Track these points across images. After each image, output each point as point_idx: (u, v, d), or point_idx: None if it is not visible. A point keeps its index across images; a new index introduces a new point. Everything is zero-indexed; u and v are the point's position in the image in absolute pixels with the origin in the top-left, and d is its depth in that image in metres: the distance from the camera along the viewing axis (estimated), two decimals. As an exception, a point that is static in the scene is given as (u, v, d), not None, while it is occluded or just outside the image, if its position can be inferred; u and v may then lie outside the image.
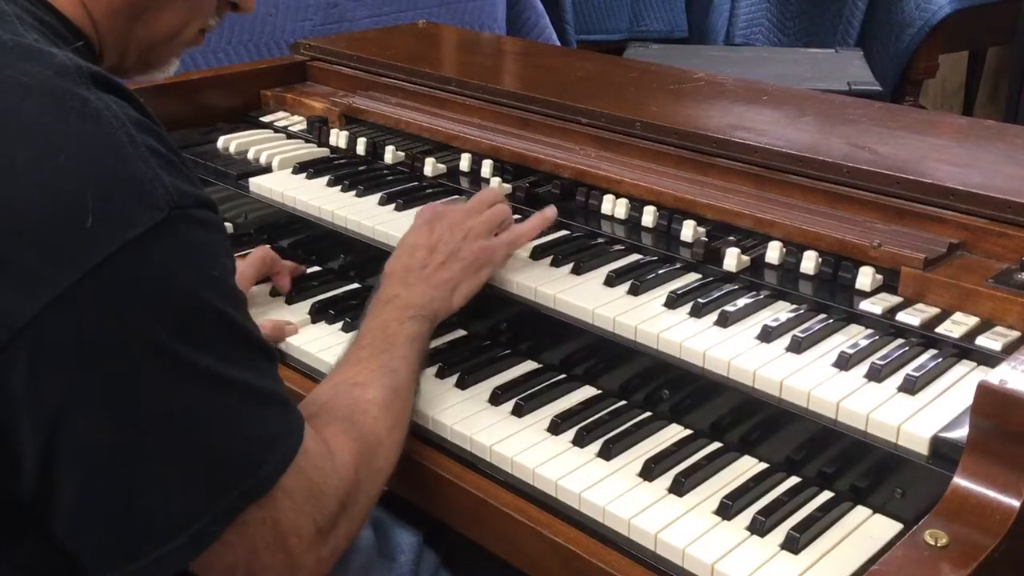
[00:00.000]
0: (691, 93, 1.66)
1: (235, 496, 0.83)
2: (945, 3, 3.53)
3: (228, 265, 0.88)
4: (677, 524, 0.96)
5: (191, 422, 0.81)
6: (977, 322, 1.09)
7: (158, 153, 0.81)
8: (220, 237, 0.87)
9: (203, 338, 0.81)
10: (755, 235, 1.29)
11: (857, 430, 0.98)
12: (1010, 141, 1.40)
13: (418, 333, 1.13)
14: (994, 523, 0.83)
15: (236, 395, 0.84)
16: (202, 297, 0.82)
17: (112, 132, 0.79)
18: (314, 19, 2.61)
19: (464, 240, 1.22)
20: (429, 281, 1.18)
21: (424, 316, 1.15)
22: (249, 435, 0.84)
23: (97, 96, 0.80)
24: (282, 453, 0.86)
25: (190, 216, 0.81)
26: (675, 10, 3.81)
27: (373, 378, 1.05)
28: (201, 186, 0.86)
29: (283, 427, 0.88)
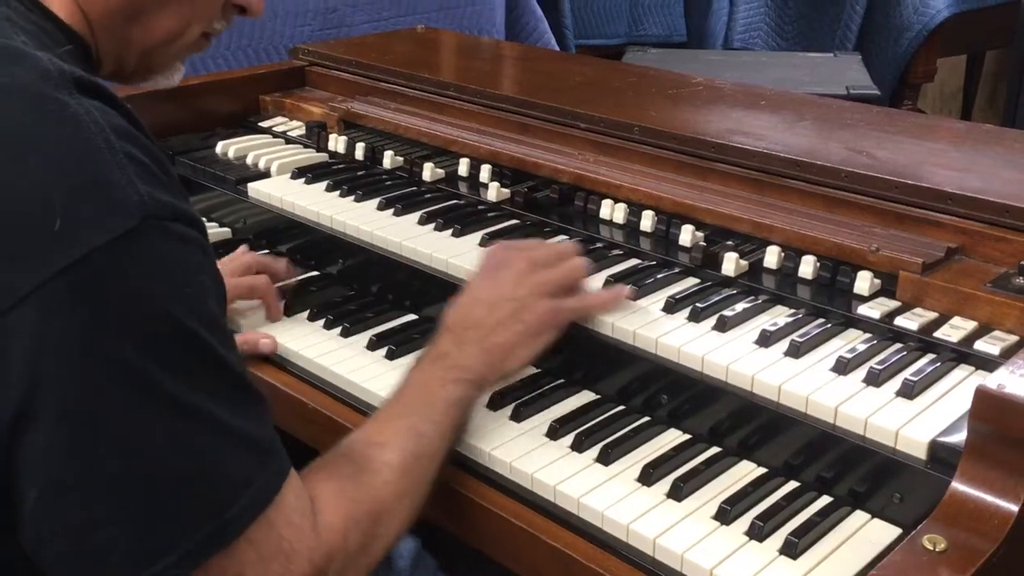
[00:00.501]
0: (689, 98, 1.66)
1: (199, 539, 0.78)
2: (943, 7, 3.54)
3: (206, 285, 0.82)
4: (675, 529, 0.96)
5: (151, 448, 0.76)
6: (975, 326, 1.09)
7: (137, 161, 0.78)
8: (198, 255, 0.82)
9: (169, 358, 0.77)
10: (753, 240, 1.29)
11: (855, 435, 0.98)
12: (1008, 145, 1.40)
13: (460, 399, 1.05)
14: (992, 528, 0.83)
15: (204, 429, 0.79)
16: (172, 313, 0.77)
17: (89, 137, 0.77)
18: (313, 24, 2.61)
19: (528, 297, 1.12)
20: (482, 343, 1.09)
21: (470, 380, 1.07)
22: (217, 474, 0.80)
23: (78, 101, 0.79)
24: (252, 500, 0.81)
25: (164, 228, 0.78)
26: (674, 15, 3.82)
27: (396, 439, 0.99)
28: (186, 201, 0.84)
29: (257, 473, 0.82)
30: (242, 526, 0.80)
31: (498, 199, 1.49)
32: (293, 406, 1.25)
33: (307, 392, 1.26)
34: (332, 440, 1.21)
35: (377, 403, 1.20)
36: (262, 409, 0.86)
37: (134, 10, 0.96)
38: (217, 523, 0.79)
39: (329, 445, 1.22)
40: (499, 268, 1.15)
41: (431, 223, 1.43)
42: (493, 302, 1.11)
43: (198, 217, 0.84)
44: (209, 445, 0.79)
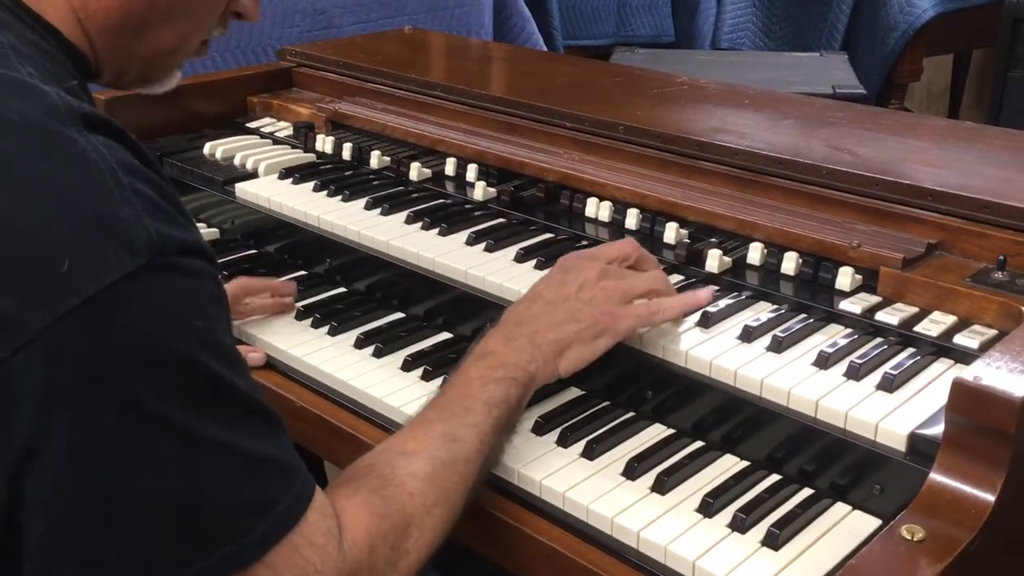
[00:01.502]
0: (674, 97, 1.68)
1: (212, 563, 0.77)
2: (929, 6, 3.56)
3: (216, 315, 0.82)
4: (659, 522, 0.97)
5: (160, 481, 0.76)
6: (955, 321, 1.11)
7: (145, 197, 0.78)
8: (208, 286, 0.82)
9: (180, 392, 0.77)
10: (737, 237, 1.30)
11: (836, 428, 0.99)
12: (988, 142, 1.42)
13: (503, 398, 1.02)
14: (970, 517, 0.85)
15: (218, 455, 0.78)
16: (181, 348, 0.77)
17: (97, 175, 0.77)
18: (301, 25, 2.61)
19: (590, 302, 1.10)
20: (534, 339, 1.07)
21: (516, 379, 1.03)
22: (232, 499, 0.79)
23: (86, 138, 0.78)
24: (273, 524, 0.80)
25: (173, 263, 0.78)
26: (662, 15, 3.84)
27: (426, 447, 0.96)
28: (195, 231, 0.83)
29: (278, 496, 0.81)
30: (262, 551, 0.79)
31: (484, 198, 1.50)
32: (282, 405, 1.25)
33: (295, 390, 1.27)
34: (322, 438, 1.23)
35: (365, 400, 1.21)
36: (280, 432, 0.85)
37: (136, 24, 0.95)
38: (233, 547, 0.78)
39: (319, 443, 1.24)
40: (568, 272, 1.13)
41: (418, 222, 1.44)
42: (553, 301, 1.10)
43: (207, 247, 0.84)
44: (224, 473, 0.78)
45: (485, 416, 1.00)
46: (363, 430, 1.18)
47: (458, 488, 0.96)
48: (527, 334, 1.07)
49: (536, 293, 1.12)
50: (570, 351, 1.08)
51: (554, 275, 1.14)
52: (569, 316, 1.09)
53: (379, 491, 0.91)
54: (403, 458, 0.95)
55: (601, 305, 1.10)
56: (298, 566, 0.81)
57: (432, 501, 0.93)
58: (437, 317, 1.35)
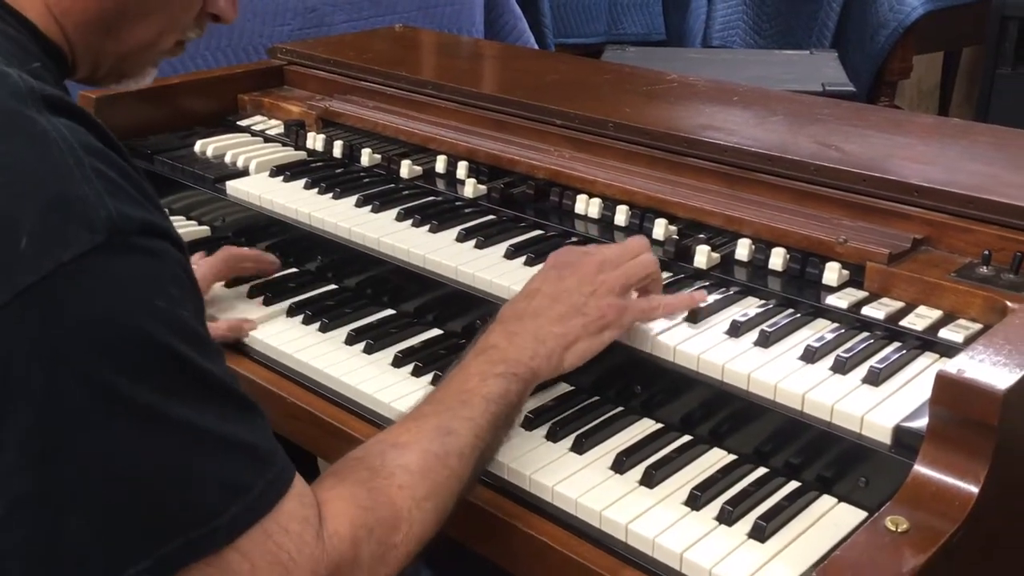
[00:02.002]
0: (663, 94, 1.69)
1: (178, 545, 0.76)
2: (918, 4, 3.58)
3: (180, 298, 0.80)
4: (647, 515, 0.98)
5: (121, 461, 0.75)
6: (940, 315, 1.12)
7: (106, 177, 0.78)
8: (172, 268, 0.81)
9: (141, 370, 0.75)
10: (725, 233, 1.31)
11: (822, 421, 1.00)
12: (974, 139, 1.43)
13: (502, 393, 1.01)
14: (953, 509, 0.85)
15: (181, 435, 0.77)
16: (141, 326, 0.76)
17: (57, 154, 0.76)
18: (292, 24, 2.62)
19: (592, 295, 1.09)
20: (538, 333, 1.06)
21: (517, 374, 1.02)
22: (197, 481, 0.77)
23: (47, 119, 0.78)
24: (244, 508, 0.79)
25: (133, 243, 0.77)
26: (653, 13, 3.85)
27: (419, 439, 0.95)
28: (160, 215, 0.82)
29: (250, 481, 0.79)
30: (232, 534, 0.78)
31: (475, 195, 1.51)
32: (273, 401, 1.26)
33: (286, 387, 1.28)
34: (313, 434, 1.23)
35: (356, 397, 1.22)
36: (255, 417, 0.84)
37: (110, 21, 0.95)
38: (202, 530, 0.77)
39: (310, 440, 1.25)
40: (564, 267, 1.13)
41: (408, 219, 1.45)
42: (555, 295, 1.09)
43: (172, 230, 0.83)
44: (189, 453, 0.77)
45: (482, 411, 0.99)
46: (354, 426, 1.19)
47: (450, 482, 0.94)
48: (531, 329, 1.06)
49: (534, 288, 1.11)
50: (577, 345, 1.08)
51: (550, 270, 1.14)
52: (573, 310, 1.08)
53: (366, 483, 0.90)
54: (394, 450, 0.94)
55: (604, 298, 1.09)
56: (270, 553, 0.80)
57: (423, 494, 0.91)
58: (427, 314, 1.36)
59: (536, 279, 1.13)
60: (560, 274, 1.12)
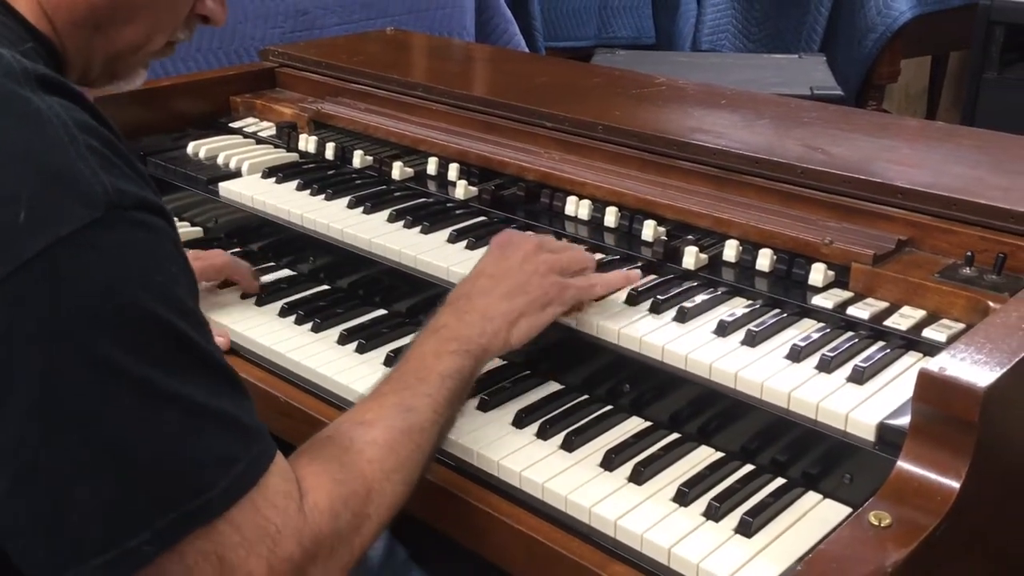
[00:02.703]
0: (652, 97, 1.70)
1: (175, 517, 0.78)
2: (906, 9, 3.61)
3: (175, 274, 0.82)
4: (636, 511, 1.00)
5: (123, 433, 0.77)
6: (924, 315, 1.14)
7: (100, 154, 0.79)
8: (166, 244, 0.83)
9: (140, 344, 0.77)
10: (713, 234, 1.33)
11: (807, 419, 1.02)
12: (958, 142, 1.45)
13: (457, 369, 1.05)
14: (935, 504, 0.87)
15: (179, 410, 0.79)
16: (140, 301, 0.78)
17: (53, 131, 0.78)
18: (284, 26, 2.63)
19: (534, 273, 1.14)
20: (486, 312, 1.10)
21: (469, 351, 1.06)
22: (193, 454, 0.80)
23: (40, 97, 0.79)
24: (233, 481, 0.81)
25: (130, 217, 0.79)
26: (642, 17, 3.86)
27: (383, 416, 0.98)
28: (153, 191, 0.84)
29: (238, 454, 0.82)
30: (223, 507, 0.80)
31: (466, 197, 1.52)
32: (266, 400, 1.27)
33: (279, 386, 1.29)
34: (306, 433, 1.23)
35: (348, 395, 1.23)
36: (242, 393, 0.86)
37: (99, 20, 0.96)
38: (196, 503, 0.79)
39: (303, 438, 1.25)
40: (506, 247, 1.18)
41: (400, 220, 1.46)
42: (499, 274, 1.13)
43: (164, 207, 0.84)
44: (186, 427, 0.79)
45: (439, 387, 1.02)
46: (346, 424, 1.20)
47: (415, 456, 0.98)
48: (478, 308, 1.10)
49: (479, 270, 1.16)
50: (522, 321, 1.11)
51: (494, 249, 1.19)
52: (517, 288, 1.12)
53: (339, 459, 0.93)
54: (360, 428, 0.97)
55: (546, 276, 1.14)
56: (259, 525, 0.82)
57: (391, 467, 0.95)
58: (419, 314, 1.37)
59: (481, 262, 1.18)
60: (503, 253, 1.17)
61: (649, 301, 1.21)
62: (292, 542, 0.84)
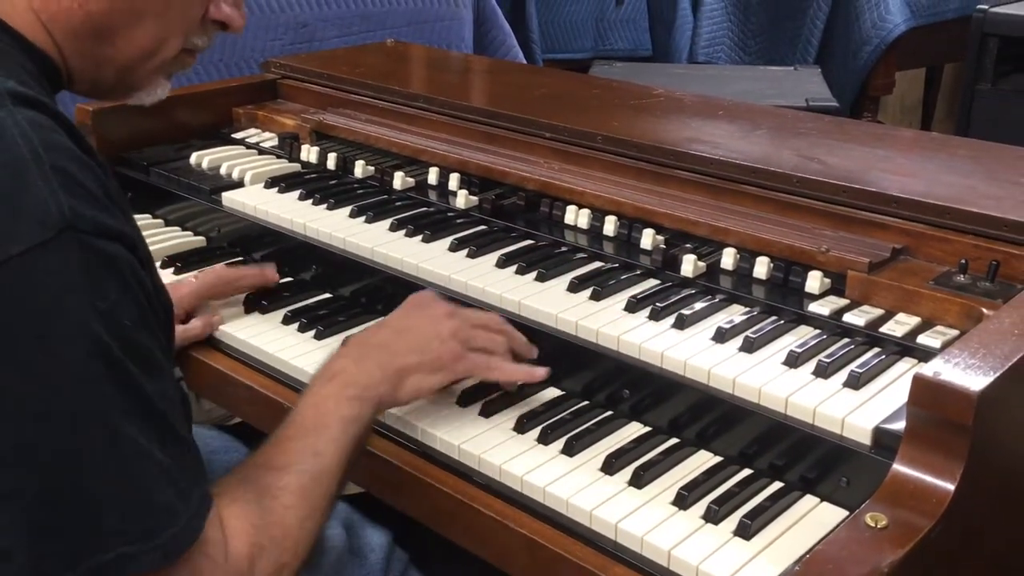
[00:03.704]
0: (651, 108, 1.72)
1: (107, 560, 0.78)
2: (900, 21, 3.64)
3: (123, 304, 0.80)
4: (636, 514, 1.01)
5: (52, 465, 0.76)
6: (918, 322, 1.16)
7: (66, 174, 0.78)
8: (121, 275, 0.81)
9: (78, 374, 0.76)
10: (710, 243, 1.34)
11: (805, 423, 1.04)
12: (952, 152, 1.47)
13: (356, 416, 1.05)
14: (931, 506, 0.89)
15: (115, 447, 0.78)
16: (82, 328, 0.76)
17: (14, 148, 0.77)
18: (284, 39, 2.65)
19: (435, 336, 1.14)
20: (382, 363, 1.10)
21: (367, 399, 1.07)
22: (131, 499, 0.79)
23: (8, 112, 0.78)
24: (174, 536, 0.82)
25: (84, 241, 0.77)
26: (639, 29, 3.89)
27: (293, 462, 0.98)
28: (120, 219, 0.82)
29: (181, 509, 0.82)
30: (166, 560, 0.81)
31: (466, 206, 1.54)
32: (270, 407, 1.29)
33: (282, 392, 1.30)
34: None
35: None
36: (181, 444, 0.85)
37: (101, 28, 0.94)
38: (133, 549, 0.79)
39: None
40: (417, 306, 1.19)
41: (401, 230, 1.48)
42: (402, 330, 1.14)
43: (129, 235, 0.83)
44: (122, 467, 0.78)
45: (342, 432, 1.03)
46: (349, 430, 1.21)
47: (324, 501, 0.99)
48: (375, 358, 1.10)
49: (384, 321, 1.18)
50: (410, 379, 1.11)
51: (404, 307, 1.20)
52: (417, 347, 1.12)
53: (257, 503, 0.93)
54: (274, 473, 0.97)
55: (445, 342, 1.13)
56: None
57: (304, 514, 0.96)
58: (421, 321, 1.39)
59: (390, 316, 1.19)
60: (409, 312, 1.18)
61: (648, 308, 1.22)
62: None
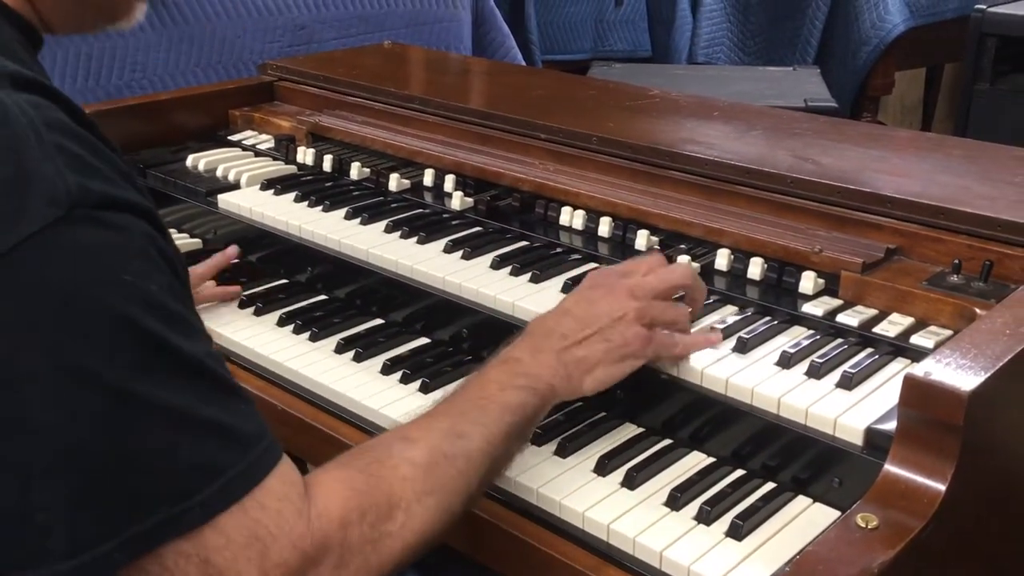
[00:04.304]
0: (646, 109, 1.72)
1: (147, 526, 0.76)
2: (900, 21, 3.64)
3: (149, 272, 0.79)
4: (628, 515, 1.01)
5: (89, 439, 0.75)
6: (912, 322, 1.16)
7: (70, 153, 0.78)
8: (138, 242, 0.80)
9: (108, 347, 0.75)
10: (705, 243, 1.34)
11: (797, 424, 1.04)
12: (946, 152, 1.47)
13: (520, 404, 1.00)
14: (922, 506, 0.89)
15: (151, 414, 0.77)
16: (107, 301, 0.76)
17: (17, 129, 0.76)
18: (282, 41, 2.65)
19: (620, 320, 1.08)
20: (561, 354, 1.06)
21: (536, 389, 1.02)
22: (168, 462, 0.77)
23: (8, 94, 0.78)
24: (219, 490, 0.79)
25: (95, 216, 0.77)
26: (638, 30, 3.89)
27: (428, 436, 0.95)
28: (128, 189, 0.81)
29: (227, 461, 0.80)
30: (205, 515, 0.78)
31: (462, 208, 1.54)
32: (264, 408, 1.28)
33: (277, 395, 1.30)
34: (304, 440, 1.26)
35: (344, 403, 1.25)
36: (233, 397, 0.83)
37: None
38: (171, 512, 0.77)
39: (301, 446, 1.28)
40: (597, 289, 1.13)
41: (397, 231, 1.48)
42: (583, 318, 1.09)
43: (142, 203, 0.82)
44: (157, 434, 0.77)
45: (497, 419, 0.98)
46: (344, 431, 1.22)
47: (456, 483, 0.94)
48: (555, 348, 1.06)
49: (565, 308, 1.11)
50: (597, 370, 1.07)
51: (584, 291, 1.14)
52: (599, 335, 1.08)
53: (366, 469, 0.90)
54: (402, 443, 0.94)
55: (631, 327, 1.09)
56: (248, 529, 0.80)
57: (424, 489, 0.91)
58: (415, 323, 1.39)
59: (569, 299, 1.13)
60: (592, 296, 1.12)
61: (642, 309, 1.22)
62: (287, 546, 0.81)
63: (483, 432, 0.97)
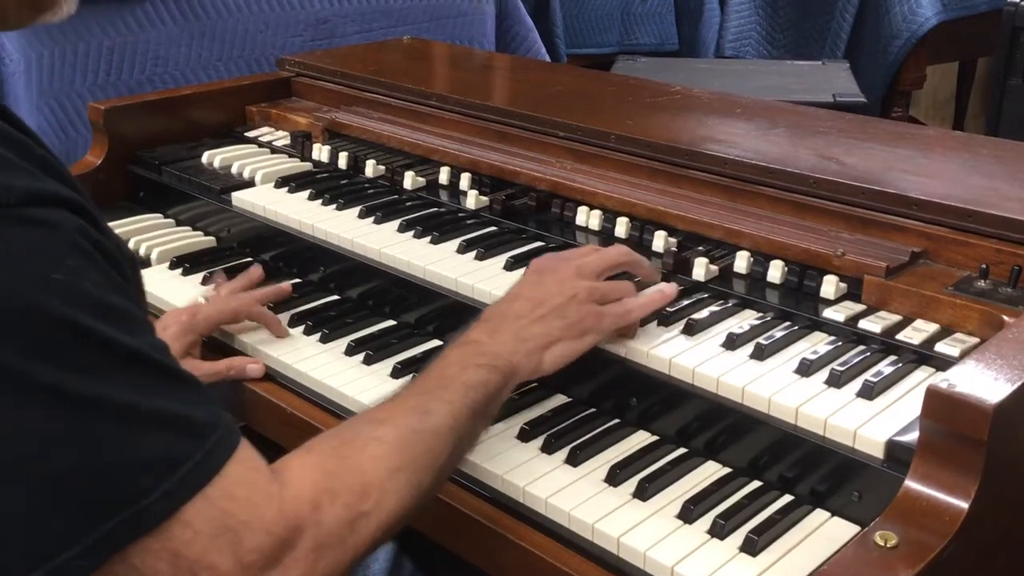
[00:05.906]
0: (667, 106, 1.69)
1: (106, 530, 0.74)
2: (931, 15, 3.57)
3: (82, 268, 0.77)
4: (640, 528, 0.98)
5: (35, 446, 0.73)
6: (937, 329, 1.12)
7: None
8: (68, 236, 0.77)
9: (43, 349, 0.73)
10: (724, 245, 1.31)
11: (815, 435, 1.00)
12: (975, 152, 1.42)
13: (481, 382, 1.02)
14: (943, 524, 0.85)
15: (98, 414, 0.74)
16: (38, 303, 0.73)
17: None
18: (304, 35, 2.64)
19: (572, 299, 1.11)
20: (519, 333, 1.08)
21: (497, 367, 1.04)
22: (120, 460, 0.75)
23: None
24: (180, 481, 0.77)
25: (18, 214, 0.74)
26: (665, 23, 3.85)
27: (394, 416, 0.96)
28: (56, 182, 0.79)
29: (184, 452, 0.78)
30: (166, 511, 0.76)
31: (477, 207, 1.51)
32: (271, 411, 1.27)
33: (285, 397, 1.28)
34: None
35: (353, 407, 1.22)
36: (182, 387, 0.81)
37: None
38: (129, 512, 0.75)
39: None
40: (544, 273, 1.15)
41: (410, 231, 1.45)
42: (536, 298, 1.11)
43: (73, 197, 0.79)
44: (108, 432, 0.75)
45: (461, 395, 1.00)
46: (351, 436, 1.19)
47: (425, 459, 0.94)
48: (512, 328, 1.08)
49: (516, 293, 1.14)
50: (557, 346, 1.09)
51: (531, 274, 1.16)
52: (555, 313, 1.10)
53: (336, 451, 0.90)
54: (370, 424, 0.94)
55: (584, 304, 1.11)
56: (215, 519, 0.78)
57: (395, 465, 0.91)
58: (428, 325, 1.37)
59: (518, 285, 1.16)
60: (540, 280, 1.14)
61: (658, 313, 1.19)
62: (260, 533, 0.80)
63: (448, 409, 0.98)
